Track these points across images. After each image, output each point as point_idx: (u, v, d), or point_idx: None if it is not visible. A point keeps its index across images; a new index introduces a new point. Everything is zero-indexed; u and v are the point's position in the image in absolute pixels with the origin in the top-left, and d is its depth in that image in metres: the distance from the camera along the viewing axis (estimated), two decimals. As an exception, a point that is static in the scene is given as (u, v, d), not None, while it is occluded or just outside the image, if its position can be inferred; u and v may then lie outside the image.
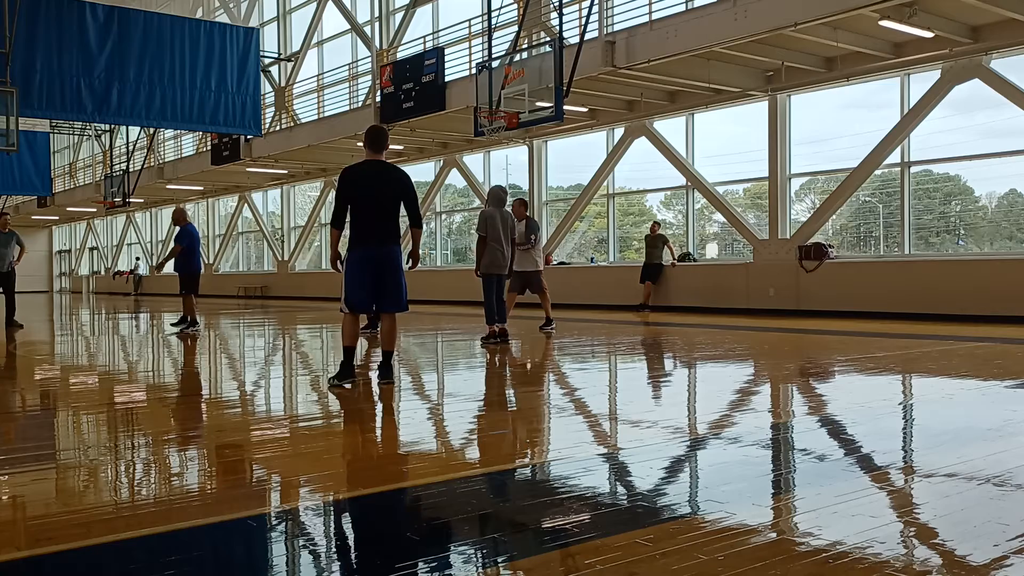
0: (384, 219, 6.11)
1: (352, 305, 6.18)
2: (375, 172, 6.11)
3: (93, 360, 8.89)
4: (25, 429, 4.96)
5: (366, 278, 6.09)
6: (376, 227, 6.08)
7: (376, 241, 6.07)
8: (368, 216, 6.06)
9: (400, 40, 20.57)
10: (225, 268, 32.63)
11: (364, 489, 3.50)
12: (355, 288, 6.12)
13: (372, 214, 6.06)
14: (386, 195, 6.09)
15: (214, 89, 16.96)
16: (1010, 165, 12.95)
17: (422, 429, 4.82)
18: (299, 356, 9.42)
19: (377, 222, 6.08)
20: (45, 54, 15.03)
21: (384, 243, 6.10)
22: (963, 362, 7.46)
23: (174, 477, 3.70)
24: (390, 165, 6.28)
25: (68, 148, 39.11)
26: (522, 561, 2.53)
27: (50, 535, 2.79)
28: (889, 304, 12.91)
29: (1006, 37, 11.73)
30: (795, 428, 4.57)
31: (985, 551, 2.50)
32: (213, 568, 2.55)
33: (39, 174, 27.73)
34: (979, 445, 4.02)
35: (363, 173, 6.09)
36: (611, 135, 17.82)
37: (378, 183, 6.07)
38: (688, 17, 12.49)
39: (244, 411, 5.57)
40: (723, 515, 2.86)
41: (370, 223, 6.06)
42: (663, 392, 6.29)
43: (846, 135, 14.79)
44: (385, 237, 6.11)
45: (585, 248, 20.46)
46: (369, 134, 6.25)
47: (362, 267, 6.09)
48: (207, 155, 24.83)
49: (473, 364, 7.95)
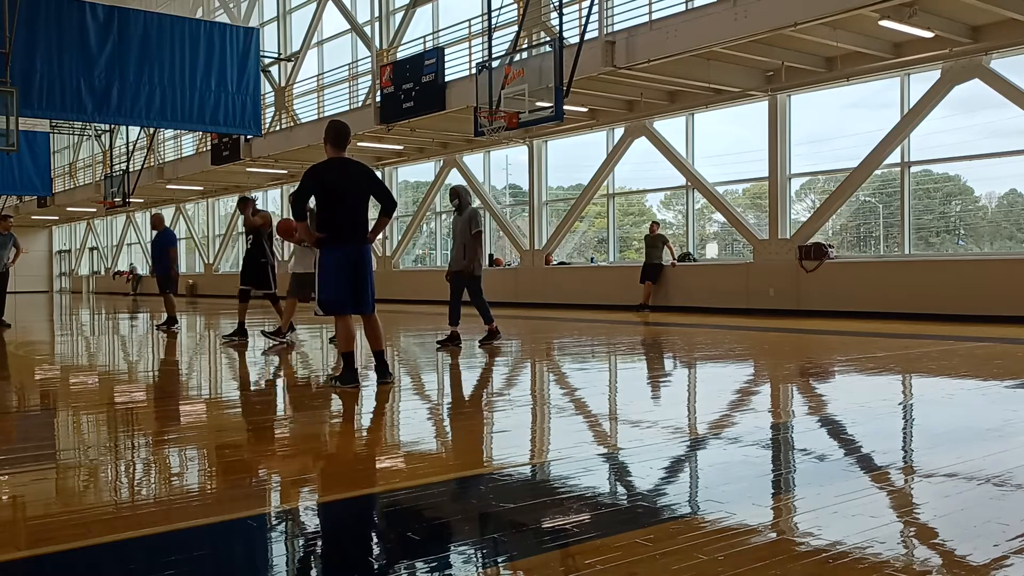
0: (358, 218, 6.08)
1: (327, 306, 6.07)
2: (344, 170, 6.05)
3: (93, 360, 8.89)
4: (25, 429, 4.95)
5: (343, 278, 6.04)
6: (352, 226, 6.05)
7: (352, 241, 6.05)
8: (343, 215, 6.02)
9: (400, 40, 20.57)
10: (225, 268, 32.62)
11: (364, 489, 3.50)
12: (332, 288, 6.02)
13: (346, 213, 6.02)
14: (357, 193, 6.06)
15: (214, 89, 16.95)
16: (1010, 165, 12.95)
17: (422, 429, 4.82)
18: (298, 356, 9.41)
19: (353, 221, 6.05)
20: (45, 54, 15.02)
21: (359, 242, 6.09)
22: (963, 362, 7.46)
23: (174, 477, 3.70)
24: (354, 161, 6.22)
25: (68, 148, 39.10)
26: (522, 561, 2.53)
27: (50, 535, 2.79)
28: (889, 304, 12.91)
29: (1006, 37, 11.72)
30: (795, 428, 4.57)
31: (985, 551, 2.50)
32: (213, 568, 2.55)
33: (39, 174, 27.74)
34: (979, 445, 4.02)
35: (333, 172, 6.02)
36: (611, 135, 17.82)
37: (349, 181, 6.03)
38: (688, 17, 12.48)
39: (244, 411, 5.57)
40: (723, 515, 2.86)
41: (345, 222, 6.02)
42: (663, 392, 6.29)
43: (846, 135, 14.79)
44: (360, 236, 6.09)
45: (585, 248, 20.46)
46: (334, 130, 6.12)
47: (339, 267, 6.03)
48: (207, 155, 24.83)
49: (473, 364, 7.94)
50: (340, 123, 6.26)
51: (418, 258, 24.57)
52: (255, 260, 10.51)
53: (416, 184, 24.32)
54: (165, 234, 13.33)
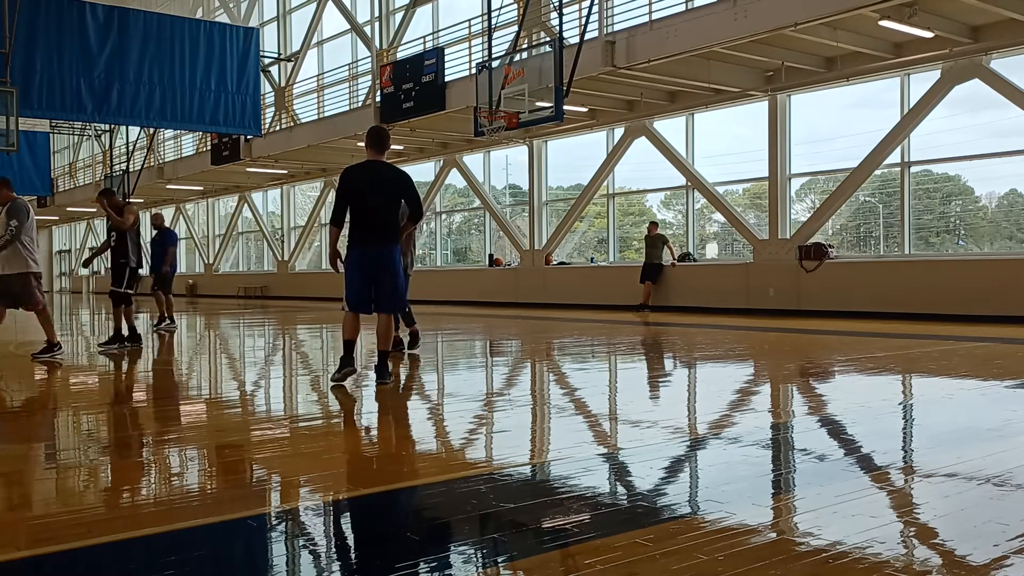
0: (380, 219, 6.11)
1: (350, 304, 6.23)
2: (372, 172, 6.15)
3: (93, 360, 8.89)
4: (25, 429, 4.95)
5: (362, 277, 6.13)
6: (372, 226, 6.10)
7: (372, 240, 6.10)
8: (364, 215, 6.09)
9: (400, 40, 20.57)
10: (225, 268, 32.63)
11: (364, 489, 3.50)
12: (351, 286, 6.18)
13: (368, 213, 6.09)
14: (383, 195, 6.10)
15: (214, 89, 16.95)
16: (1010, 165, 12.95)
17: (422, 429, 4.82)
18: (299, 356, 9.41)
19: (373, 222, 6.09)
20: (45, 54, 15.02)
21: (380, 242, 6.11)
22: (963, 362, 7.46)
23: (174, 477, 3.70)
24: (389, 165, 6.31)
25: (68, 148, 39.10)
26: (522, 561, 2.53)
27: (50, 535, 2.79)
28: (889, 304, 12.91)
29: (1006, 37, 11.73)
30: (795, 428, 4.57)
31: (985, 551, 2.50)
32: (213, 568, 2.55)
33: (39, 174, 27.73)
34: (979, 445, 4.02)
35: (360, 173, 6.14)
36: (611, 135, 17.82)
37: (375, 183, 6.10)
38: (688, 17, 12.48)
39: (244, 411, 5.57)
40: (723, 515, 2.86)
41: (366, 222, 6.10)
42: (663, 392, 6.29)
43: (846, 135, 14.79)
44: (381, 236, 6.12)
45: (585, 248, 20.46)
46: (370, 134, 6.30)
47: (358, 266, 6.14)
48: (207, 155, 24.83)
49: (473, 364, 7.94)
50: (379, 127, 6.42)
51: (418, 258, 24.57)
52: (115, 261, 9.95)
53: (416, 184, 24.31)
54: (167, 233, 13.41)
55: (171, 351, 9.96)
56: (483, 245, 21.90)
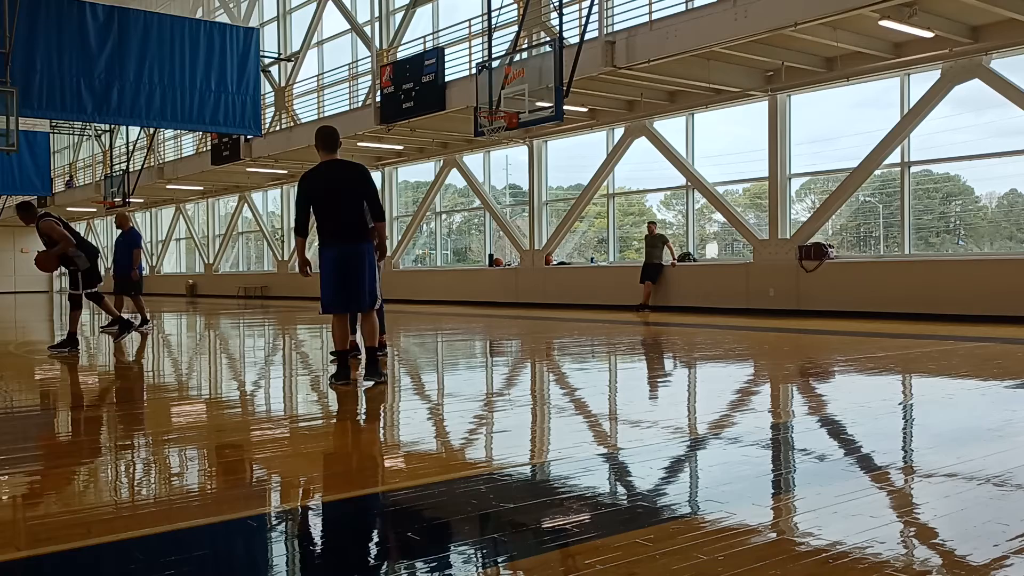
0: (346, 216, 6.05)
1: (325, 304, 6.19)
2: (332, 171, 6.10)
3: (93, 360, 8.89)
4: (25, 429, 4.95)
5: (335, 277, 6.09)
6: (343, 225, 6.06)
7: (346, 238, 6.06)
8: (329, 215, 6.05)
9: (400, 40, 20.57)
10: (225, 268, 32.62)
11: (364, 489, 3.50)
12: (326, 288, 6.15)
13: (333, 213, 6.05)
14: (347, 192, 6.03)
15: (214, 89, 16.95)
16: (1010, 165, 12.95)
17: (422, 429, 4.82)
18: (298, 356, 9.42)
19: (343, 221, 6.05)
20: (45, 54, 15.02)
21: (354, 239, 6.07)
22: (963, 362, 7.46)
23: (174, 477, 3.70)
24: (347, 162, 6.24)
25: (68, 148, 39.10)
26: (522, 561, 2.53)
27: (50, 535, 2.79)
28: (889, 304, 12.90)
29: (1006, 37, 11.72)
30: (795, 428, 4.57)
31: (985, 551, 2.50)
32: (213, 568, 2.55)
33: (39, 174, 27.73)
34: (979, 445, 4.02)
35: (320, 176, 6.09)
36: (611, 135, 17.81)
37: (336, 180, 6.04)
38: (688, 17, 12.48)
39: (244, 411, 5.57)
40: (723, 515, 2.86)
41: (333, 222, 6.06)
42: (663, 392, 6.29)
43: (846, 135, 14.78)
44: (350, 234, 6.07)
45: (585, 248, 20.46)
46: (320, 136, 6.20)
47: (334, 266, 6.09)
48: (207, 155, 24.83)
49: (473, 364, 7.94)
50: (325, 127, 6.30)
51: (418, 258, 24.58)
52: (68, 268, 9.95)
53: (416, 184, 24.33)
54: (131, 234, 13.01)
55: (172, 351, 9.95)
56: (483, 245, 21.90)
